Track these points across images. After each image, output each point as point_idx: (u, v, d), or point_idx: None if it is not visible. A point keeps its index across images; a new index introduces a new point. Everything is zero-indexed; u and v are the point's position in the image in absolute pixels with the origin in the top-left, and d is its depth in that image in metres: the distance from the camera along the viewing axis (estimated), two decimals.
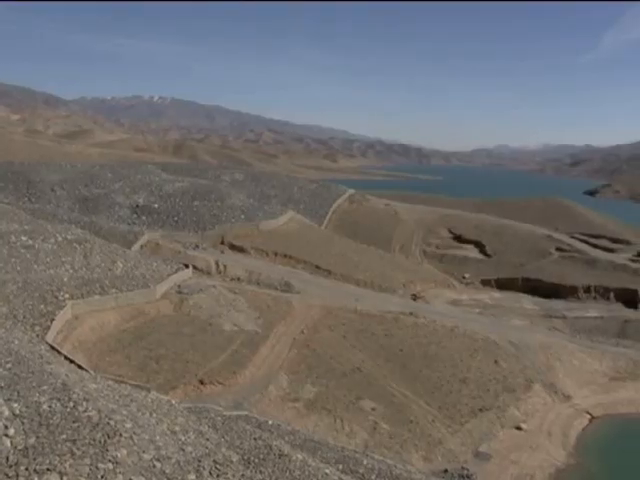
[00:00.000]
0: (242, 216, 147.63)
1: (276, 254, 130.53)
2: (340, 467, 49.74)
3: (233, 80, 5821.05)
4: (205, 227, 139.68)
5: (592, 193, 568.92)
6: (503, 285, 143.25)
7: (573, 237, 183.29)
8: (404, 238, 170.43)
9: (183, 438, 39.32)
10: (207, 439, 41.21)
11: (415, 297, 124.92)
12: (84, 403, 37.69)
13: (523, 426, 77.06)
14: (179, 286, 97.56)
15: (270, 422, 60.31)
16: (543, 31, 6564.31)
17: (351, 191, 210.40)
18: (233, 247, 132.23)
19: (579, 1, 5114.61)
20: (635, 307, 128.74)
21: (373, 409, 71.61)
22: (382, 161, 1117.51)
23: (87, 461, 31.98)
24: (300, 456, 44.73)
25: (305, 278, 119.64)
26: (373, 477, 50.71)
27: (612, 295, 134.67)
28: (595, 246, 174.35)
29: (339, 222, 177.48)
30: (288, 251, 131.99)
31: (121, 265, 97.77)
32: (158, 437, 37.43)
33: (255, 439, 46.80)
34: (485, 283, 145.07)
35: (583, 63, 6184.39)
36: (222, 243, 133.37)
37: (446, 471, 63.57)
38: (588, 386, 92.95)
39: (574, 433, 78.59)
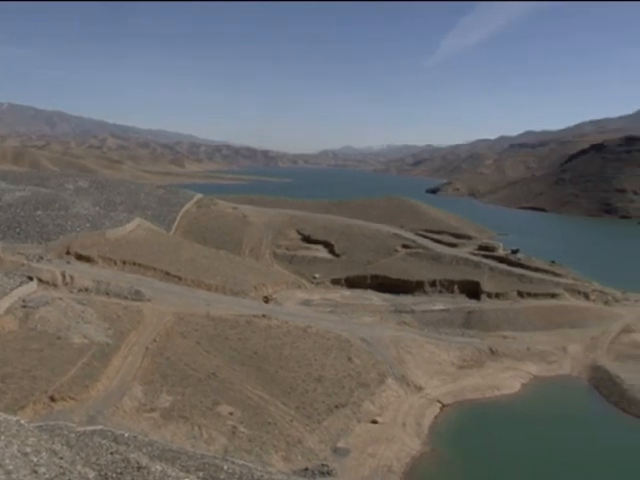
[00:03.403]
0: (88, 225, 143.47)
1: (125, 262, 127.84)
2: (201, 474, 49.36)
3: (74, 84, 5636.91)
4: (49, 237, 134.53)
5: (434, 191, 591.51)
6: (353, 283, 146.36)
7: (418, 234, 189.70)
8: (254, 241, 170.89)
9: (35, 459, 37.91)
10: (61, 458, 39.92)
11: (267, 299, 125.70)
12: None
13: (378, 419, 78.97)
14: (24, 300, 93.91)
15: (126, 434, 59.05)
16: (385, 35, 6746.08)
17: (199, 195, 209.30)
18: (80, 257, 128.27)
19: (418, 0, 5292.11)
20: (478, 298, 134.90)
21: (231, 414, 71.48)
22: (229, 164, 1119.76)
23: None
24: (159, 467, 44.10)
25: (155, 285, 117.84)
26: None
27: (456, 288, 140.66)
28: (439, 242, 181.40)
29: (188, 227, 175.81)
30: (137, 259, 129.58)
31: None
32: (8, 460, 35.95)
33: (112, 453, 45.77)
34: (335, 282, 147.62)
35: (423, 66, 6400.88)
36: (68, 253, 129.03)
37: (306, 469, 64.24)
38: (438, 376, 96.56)
39: (427, 422, 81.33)
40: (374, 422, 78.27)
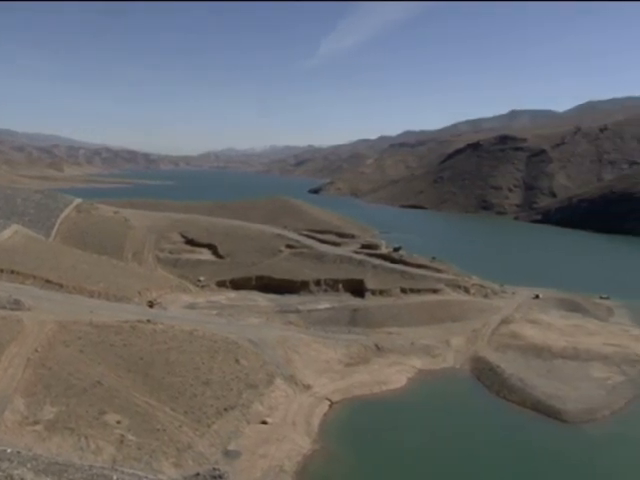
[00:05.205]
0: None
1: (2, 271, 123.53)
2: None
3: None
4: None
5: (316, 191, 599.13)
6: (238, 285, 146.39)
7: (302, 234, 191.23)
8: (136, 245, 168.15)
9: None
10: None
11: (151, 304, 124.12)
12: None
13: (268, 420, 79.16)
14: None
15: (9, 450, 57.19)
16: (266, 37, 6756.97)
17: (78, 200, 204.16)
18: None
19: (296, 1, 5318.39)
20: (362, 296, 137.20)
21: (118, 422, 70.14)
22: (109, 168, 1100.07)
23: None
24: None
25: (35, 294, 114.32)
26: None
27: (341, 286, 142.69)
28: (323, 241, 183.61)
29: (68, 233, 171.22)
30: (15, 267, 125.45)
31: None
32: None
33: None
34: (220, 284, 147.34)
35: (304, 68, 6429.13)
36: None
37: (198, 474, 63.67)
38: (326, 374, 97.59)
39: (316, 420, 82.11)
40: (264, 423, 78.43)
